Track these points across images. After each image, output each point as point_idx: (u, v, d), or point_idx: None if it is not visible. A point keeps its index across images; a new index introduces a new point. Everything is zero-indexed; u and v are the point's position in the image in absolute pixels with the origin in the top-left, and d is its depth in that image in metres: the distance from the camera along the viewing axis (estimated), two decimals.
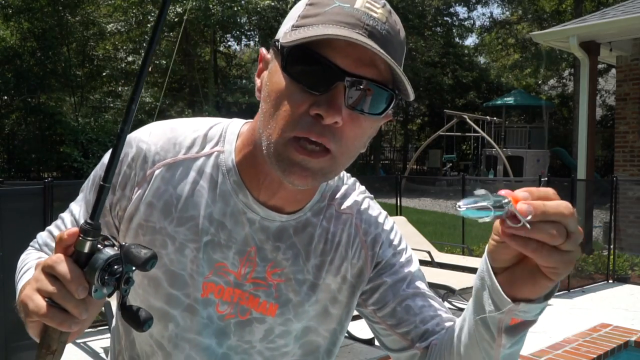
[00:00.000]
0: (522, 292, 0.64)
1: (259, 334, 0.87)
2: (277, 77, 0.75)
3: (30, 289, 0.65)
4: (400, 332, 0.88)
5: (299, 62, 0.72)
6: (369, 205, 0.93)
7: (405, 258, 0.92)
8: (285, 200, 0.85)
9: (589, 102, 8.27)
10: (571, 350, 4.10)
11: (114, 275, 0.64)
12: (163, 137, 0.86)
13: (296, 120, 0.72)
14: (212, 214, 0.84)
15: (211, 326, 0.85)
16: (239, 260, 0.84)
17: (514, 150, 19.53)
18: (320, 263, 0.88)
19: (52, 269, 0.63)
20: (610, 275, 6.92)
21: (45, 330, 0.66)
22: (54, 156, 15.05)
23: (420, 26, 23.19)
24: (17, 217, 3.15)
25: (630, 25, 7.58)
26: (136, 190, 0.84)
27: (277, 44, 0.76)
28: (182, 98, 19.65)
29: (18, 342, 3.13)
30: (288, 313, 0.87)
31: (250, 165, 0.84)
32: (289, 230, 0.86)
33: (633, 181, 8.47)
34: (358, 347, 4.25)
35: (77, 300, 0.63)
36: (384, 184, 15.79)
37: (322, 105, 0.71)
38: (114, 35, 18.05)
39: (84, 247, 0.64)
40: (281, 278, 0.86)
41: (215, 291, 0.84)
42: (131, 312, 0.67)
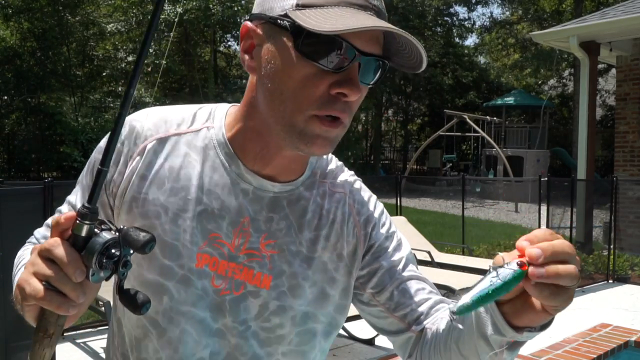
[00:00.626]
0: (522, 321, 0.70)
1: (253, 309, 0.86)
2: (286, 55, 0.76)
3: (27, 273, 0.65)
4: (398, 315, 0.91)
5: (315, 43, 0.74)
6: (361, 187, 0.97)
7: (397, 241, 0.95)
8: (279, 169, 0.87)
9: (589, 102, 8.27)
10: (571, 350, 4.10)
11: (111, 258, 0.65)
12: (154, 116, 0.89)
13: (317, 99, 0.76)
14: (204, 185, 0.85)
15: (206, 298, 0.84)
16: (233, 232, 0.85)
17: (514, 150, 19.53)
18: (314, 237, 0.89)
19: (49, 252, 0.63)
20: (610, 275, 6.92)
21: (42, 314, 0.66)
22: (54, 156, 15.05)
23: (420, 26, 23.20)
24: (17, 217, 3.14)
25: (630, 25, 7.58)
26: (129, 164, 0.86)
27: (284, 22, 0.76)
28: (182, 98, 19.63)
29: (18, 342, 3.13)
30: (282, 285, 0.86)
31: (243, 138, 0.86)
32: (283, 202, 0.88)
33: (633, 181, 8.47)
34: (358, 347, 4.24)
35: (75, 284, 0.63)
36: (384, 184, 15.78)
37: (344, 84, 0.75)
38: (114, 35, 18.04)
39: (82, 230, 0.64)
40: (274, 249, 0.86)
41: (210, 263, 0.84)
42: (129, 295, 0.67)
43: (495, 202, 16.74)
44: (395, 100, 26.90)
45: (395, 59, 0.81)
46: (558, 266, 0.62)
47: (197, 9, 15.88)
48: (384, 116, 27.26)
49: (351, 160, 18.54)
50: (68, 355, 3.90)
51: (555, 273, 0.62)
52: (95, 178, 0.66)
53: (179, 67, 18.53)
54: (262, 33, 0.80)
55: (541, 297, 0.64)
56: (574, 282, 0.63)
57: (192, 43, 19.38)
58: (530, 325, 0.70)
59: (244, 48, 0.82)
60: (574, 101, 17.34)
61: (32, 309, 0.66)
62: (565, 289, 0.64)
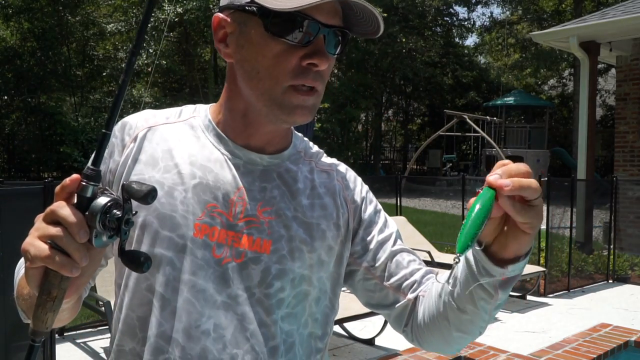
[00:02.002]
0: (509, 252, 0.78)
1: (256, 276, 0.87)
2: (258, 37, 0.84)
3: (31, 237, 0.67)
4: (394, 286, 0.97)
5: (282, 22, 0.82)
6: (346, 168, 1.04)
7: (384, 218, 1.03)
8: (264, 140, 0.93)
9: (589, 102, 8.27)
10: (571, 350, 4.10)
11: (114, 217, 0.67)
12: (144, 113, 0.97)
13: (290, 71, 0.84)
14: (196, 161, 0.90)
15: (207, 269, 0.86)
16: (229, 201, 0.89)
17: (514, 150, 19.54)
18: (310, 204, 0.94)
19: (54, 213, 0.66)
20: (610, 275, 6.92)
21: (45, 277, 0.67)
22: (54, 156, 15.05)
23: (420, 26, 23.19)
24: (17, 217, 3.14)
25: (630, 25, 7.58)
26: (124, 152, 0.91)
27: (251, 8, 0.83)
28: (182, 98, 19.63)
29: (18, 342, 3.13)
30: (282, 249, 0.89)
31: (229, 119, 0.93)
32: (272, 174, 0.93)
33: (633, 181, 8.47)
34: (358, 347, 4.25)
35: (79, 244, 0.66)
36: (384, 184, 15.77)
37: (314, 55, 0.83)
38: (114, 35, 18.03)
39: (87, 191, 0.67)
40: (271, 215, 0.90)
41: (209, 233, 0.87)
42: (131, 254, 0.70)
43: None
44: (395, 100, 26.90)
45: (355, 28, 0.89)
46: (520, 179, 0.71)
47: (197, 9, 15.87)
48: (384, 116, 27.26)
49: (351, 160, 18.54)
50: (68, 355, 3.90)
51: (519, 184, 0.70)
52: (100, 142, 0.70)
53: (179, 67, 18.53)
54: (232, 21, 0.87)
55: (514, 211, 0.72)
56: (536, 194, 0.72)
57: (192, 43, 19.38)
58: (517, 254, 0.78)
59: (218, 38, 0.90)
60: (574, 101, 17.34)
61: (36, 272, 0.68)
62: (533, 206, 0.73)
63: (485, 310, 0.85)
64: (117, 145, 0.92)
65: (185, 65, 19.08)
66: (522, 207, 0.72)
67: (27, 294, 0.81)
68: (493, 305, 0.84)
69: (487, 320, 0.88)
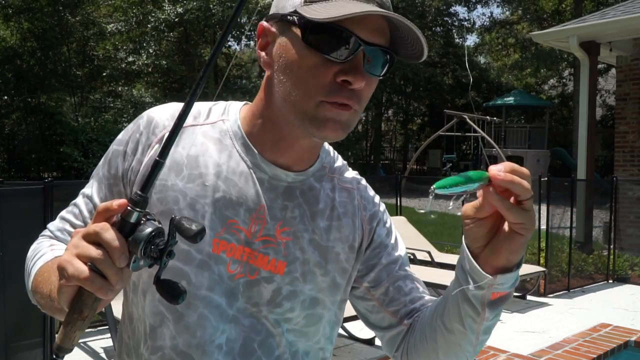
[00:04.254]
0: (501, 258, 0.78)
1: (266, 294, 0.88)
2: (296, 48, 0.81)
3: (69, 255, 0.66)
4: (391, 310, 0.97)
5: (321, 34, 0.79)
6: (366, 185, 1.03)
7: (395, 239, 1.02)
8: (293, 159, 0.91)
9: (589, 102, 8.27)
10: (571, 350, 4.10)
11: (157, 247, 0.66)
12: (171, 108, 0.93)
13: (325, 86, 0.80)
14: (222, 172, 0.88)
15: (221, 284, 0.86)
16: (250, 218, 0.88)
17: (514, 150, 19.53)
18: (327, 227, 0.93)
19: (98, 235, 0.65)
20: (610, 275, 6.92)
21: (79, 297, 0.67)
22: (54, 156, 15.04)
23: (420, 26, 23.17)
24: (17, 217, 3.14)
25: (630, 25, 7.57)
26: (148, 153, 0.89)
27: (292, 17, 0.81)
28: (182, 98, 19.55)
29: (18, 342, 3.13)
30: (295, 271, 0.89)
31: (259, 131, 0.90)
32: (296, 191, 0.91)
33: (633, 181, 8.47)
34: (358, 347, 4.25)
35: (117, 268, 0.65)
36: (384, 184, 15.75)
37: (349, 72, 0.79)
38: (114, 35, 18.04)
39: (131, 217, 0.66)
40: (289, 236, 0.90)
41: (227, 249, 0.86)
42: (167, 284, 0.68)
43: None
44: (395, 100, 26.90)
45: (402, 51, 0.84)
46: (514, 175, 0.73)
47: (198, 9, 15.87)
48: (384, 116, 27.25)
49: (351, 160, 18.54)
50: (68, 355, 3.90)
51: (511, 178, 0.72)
52: (152, 169, 0.67)
53: (179, 67, 18.53)
54: (275, 30, 0.85)
55: (503, 207, 0.73)
56: (527, 194, 0.73)
57: (192, 43, 19.38)
58: (507, 264, 0.78)
59: (260, 46, 0.87)
60: (574, 101, 17.34)
61: (70, 290, 0.67)
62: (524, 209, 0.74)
63: (472, 331, 0.85)
64: (141, 143, 0.89)
65: (185, 65, 19.08)
66: (512, 205, 0.74)
67: (48, 294, 0.80)
68: (480, 325, 0.84)
69: (474, 344, 0.87)
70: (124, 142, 0.91)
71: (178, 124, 0.68)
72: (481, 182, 0.74)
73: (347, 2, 0.78)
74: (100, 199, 0.92)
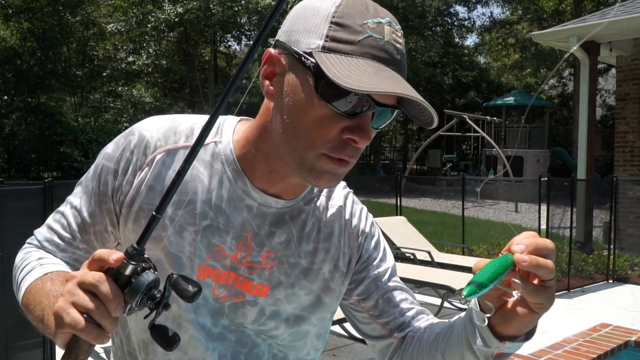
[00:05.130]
0: (510, 329, 0.78)
1: (251, 316, 0.90)
2: (305, 93, 0.78)
3: (65, 303, 0.67)
4: (381, 322, 0.98)
5: (335, 87, 0.74)
6: (353, 200, 1.02)
7: (383, 252, 1.01)
8: (284, 190, 0.90)
9: (589, 102, 8.27)
10: (571, 350, 4.10)
11: (152, 299, 0.68)
12: (164, 125, 0.90)
13: (330, 141, 0.79)
14: (211, 199, 0.88)
15: (206, 306, 0.88)
16: (236, 245, 0.88)
17: (514, 150, 19.53)
18: (313, 249, 0.93)
19: (95, 288, 0.66)
20: (610, 275, 6.92)
21: (75, 342, 0.68)
22: (54, 156, 15.05)
23: (420, 26, 23.19)
24: (17, 217, 3.14)
25: (630, 25, 7.57)
26: (138, 175, 0.88)
27: (308, 62, 0.77)
28: (182, 98, 19.66)
29: (18, 342, 3.13)
30: (279, 294, 0.91)
31: (252, 159, 0.88)
32: (285, 217, 0.91)
33: (633, 181, 8.47)
34: (358, 347, 4.25)
35: (113, 318, 0.66)
36: (384, 184, 15.76)
37: (356, 131, 0.78)
38: (114, 35, 18.05)
39: (126, 270, 0.67)
40: (274, 262, 0.90)
41: (212, 275, 0.87)
42: (161, 331, 0.70)
43: (495, 202, 16.74)
44: None
45: (407, 107, 0.83)
46: (538, 257, 0.71)
47: (198, 9, 15.87)
48: None
49: None
50: None
51: (536, 262, 0.71)
52: (148, 223, 0.68)
53: (179, 67, 18.53)
54: (285, 64, 0.81)
55: (526, 291, 0.72)
56: (552, 275, 0.72)
57: (192, 43, 19.38)
58: (516, 334, 0.78)
59: (265, 73, 0.83)
60: (574, 101, 17.34)
61: (66, 336, 0.68)
62: (547, 287, 0.73)
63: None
64: (132, 163, 0.88)
65: (185, 65, 19.09)
66: (535, 287, 0.73)
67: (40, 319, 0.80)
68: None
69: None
70: (115, 160, 0.89)
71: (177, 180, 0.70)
72: (507, 272, 0.72)
73: (368, 64, 0.75)
74: (89, 214, 0.91)
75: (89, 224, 0.91)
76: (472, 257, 6.77)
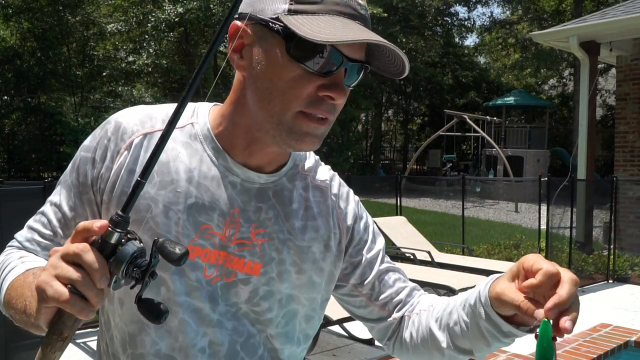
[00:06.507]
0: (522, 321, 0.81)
1: (244, 295, 0.89)
2: (277, 57, 0.80)
3: (48, 275, 0.65)
4: (379, 304, 1.01)
5: (305, 47, 0.78)
6: (340, 182, 1.03)
7: (373, 233, 1.03)
8: (264, 160, 0.90)
9: (589, 102, 8.27)
10: (571, 350, 4.10)
11: (139, 267, 0.65)
12: (140, 112, 0.91)
13: (305, 99, 0.80)
14: (194, 178, 0.87)
15: (201, 289, 0.86)
16: (224, 222, 0.87)
17: (514, 150, 19.53)
18: (303, 227, 0.93)
19: (79, 257, 0.64)
20: (610, 275, 6.92)
21: (59, 317, 0.66)
22: (54, 156, 15.06)
23: (420, 26, 23.18)
24: (17, 216, 3.13)
25: (630, 25, 7.57)
26: (117, 159, 0.87)
27: (276, 26, 0.79)
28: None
29: (18, 342, 3.14)
30: (271, 271, 0.90)
31: (230, 134, 0.89)
32: (268, 192, 0.91)
33: (633, 181, 8.47)
34: (358, 347, 4.25)
35: (98, 290, 0.64)
36: (384, 184, 15.77)
37: (331, 88, 0.80)
38: (114, 35, 18.04)
39: (112, 238, 0.65)
40: (264, 238, 0.90)
41: (202, 255, 0.86)
42: (149, 304, 0.68)
43: (495, 202, 16.74)
44: (395, 100, 26.90)
45: (375, 63, 0.86)
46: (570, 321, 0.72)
47: (198, 9, 15.87)
48: (384, 116, 27.26)
49: (351, 160, 18.54)
50: (68, 355, 3.90)
51: (573, 322, 0.73)
52: (133, 189, 0.67)
53: (179, 67, 18.53)
54: (252, 33, 0.82)
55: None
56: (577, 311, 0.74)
57: (192, 43, 19.38)
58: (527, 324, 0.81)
59: (233, 48, 0.85)
60: (574, 101, 17.34)
61: (49, 311, 0.66)
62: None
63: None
64: (110, 150, 0.88)
65: (185, 65, 19.08)
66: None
67: (23, 310, 0.78)
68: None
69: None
70: (92, 149, 0.89)
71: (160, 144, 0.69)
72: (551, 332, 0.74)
73: (335, 20, 0.78)
74: (70, 207, 0.90)
75: (70, 217, 0.90)
76: (472, 257, 6.77)
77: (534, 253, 0.82)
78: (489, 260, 6.61)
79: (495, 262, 6.40)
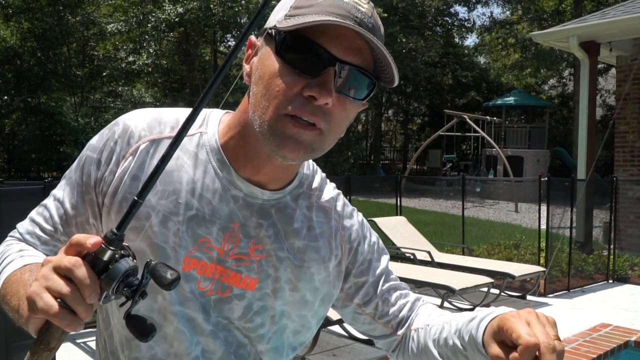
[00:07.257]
0: None
1: (238, 311, 0.89)
2: (269, 60, 0.81)
3: (39, 287, 0.65)
4: (383, 322, 1.01)
5: (292, 47, 0.78)
6: (344, 202, 1.02)
7: (377, 252, 1.03)
8: (268, 177, 0.89)
9: (589, 102, 8.27)
10: (571, 350, 4.10)
11: (130, 287, 0.65)
12: (149, 116, 0.90)
13: (289, 99, 0.78)
14: (196, 189, 0.87)
15: (195, 300, 0.86)
16: (223, 237, 0.87)
17: (514, 150, 19.53)
18: (303, 247, 0.93)
19: (70, 272, 0.64)
20: (610, 275, 6.92)
21: (47, 328, 0.66)
22: (54, 156, 15.05)
23: (420, 26, 23.18)
24: (17, 216, 3.13)
25: (630, 25, 7.57)
26: (122, 164, 0.87)
27: (271, 30, 0.81)
28: (182, 98, 19.64)
29: (18, 342, 3.13)
30: (266, 287, 0.90)
31: (235, 145, 0.88)
32: (271, 210, 0.91)
33: (633, 181, 8.47)
34: (358, 347, 4.25)
35: (87, 304, 0.64)
36: (384, 184, 15.77)
37: (315, 87, 0.77)
38: (114, 35, 18.03)
39: (104, 255, 0.65)
40: (263, 254, 0.89)
41: (197, 267, 0.86)
42: (137, 321, 0.68)
43: (495, 202, 16.74)
44: (395, 100, 26.90)
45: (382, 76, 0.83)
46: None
47: (198, 9, 15.86)
48: (384, 116, 27.26)
49: (351, 160, 18.54)
50: (68, 355, 3.90)
51: None
52: (129, 208, 0.66)
53: (179, 67, 18.53)
54: (259, 44, 0.85)
55: None
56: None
57: (192, 43, 19.38)
58: None
59: (246, 59, 0.87)
60: (574, 101, 17.33)
61: (38, 322, 0.67)
62: None
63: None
64: (116, 153, 0.87)
65: (185, 65, 19.08)
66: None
67: (16, 309, 0.78)
68: None
69: None
70: (99, 150, 0.89)
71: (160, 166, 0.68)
72: None
73: (321, 16, 0.77)
74: (72, 205, 0.91)
75: (71, 215, 0.91)
76: (472, 257, 6.77)
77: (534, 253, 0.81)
78: (489, 260, 6.61)
79: (495, 262, 6.40)
